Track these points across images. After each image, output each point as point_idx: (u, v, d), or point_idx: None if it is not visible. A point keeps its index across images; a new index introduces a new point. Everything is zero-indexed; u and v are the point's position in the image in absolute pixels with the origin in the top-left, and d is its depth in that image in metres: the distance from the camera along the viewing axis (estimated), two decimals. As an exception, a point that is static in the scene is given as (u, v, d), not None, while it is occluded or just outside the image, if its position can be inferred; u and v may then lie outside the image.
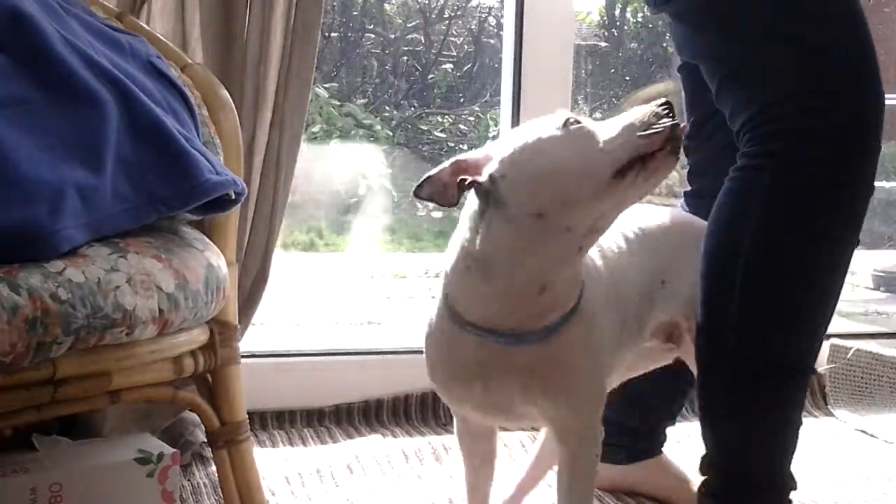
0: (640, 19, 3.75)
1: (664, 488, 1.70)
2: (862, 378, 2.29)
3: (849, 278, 1.34)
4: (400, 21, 4.54)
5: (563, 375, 1.19)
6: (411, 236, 4.49)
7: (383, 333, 3.40)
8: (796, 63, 1.29)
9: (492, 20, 4.48)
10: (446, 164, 1.14)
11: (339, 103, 4.34)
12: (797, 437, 1.36)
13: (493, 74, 4.63)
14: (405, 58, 4.53)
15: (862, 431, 2.13)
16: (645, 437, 1.70)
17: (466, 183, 1.12)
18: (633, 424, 1.69)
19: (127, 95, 1.26)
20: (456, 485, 1.72)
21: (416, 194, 1.13)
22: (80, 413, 1.40)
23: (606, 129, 1.11)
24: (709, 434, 1.39)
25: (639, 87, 3.62)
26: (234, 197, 1.30)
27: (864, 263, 3.75)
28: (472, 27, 4.61)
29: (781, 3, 1.31)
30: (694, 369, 1.41)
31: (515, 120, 2.19)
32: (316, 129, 4.26)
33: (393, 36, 4.53)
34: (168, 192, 1.23)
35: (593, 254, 1.25)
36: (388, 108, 4.53)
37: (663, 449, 1.73)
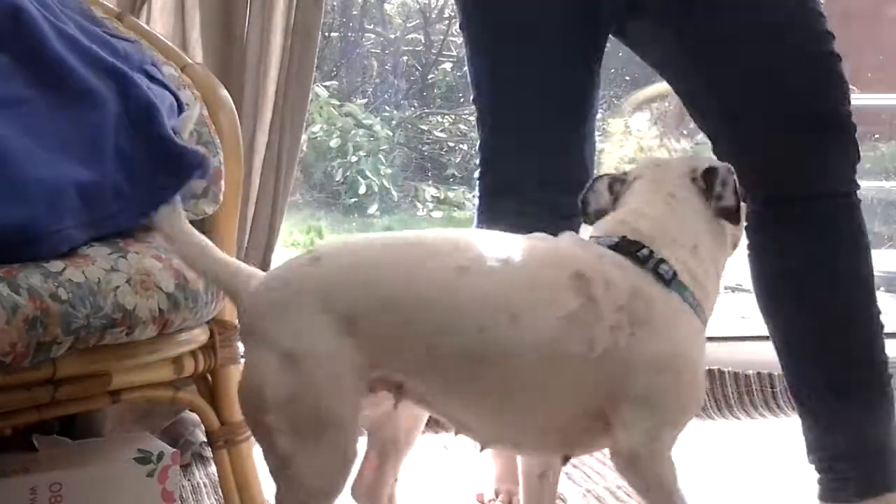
0: (640, 19, 3.75)
1: None
2: (862, 378, 2.29)
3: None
4: (400, 21, 4.54)
5: None
6: (411, 236, 4.49)
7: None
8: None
9: (492, 20, 4.46)
10: None
11: (339, 103, 4.34)
12: None
13: (493, 74, 4.64)
14: (405, 58, 4.53)
15: (862, 431, 2.13)
16: None
17: None
18: None
19: (123, 81, 1.26)
20: (454, 483, 1.72)
21: None
22: (80, 413, 1.40)
23: None
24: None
25: (639, 87, 3.62)
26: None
27: (864, 263, 3.72)
28: (472, 27, 4.58)
29: None
30: None
31: (515, 120, 2.18)
32: (316, 129, 4.25)
33: (393, 36, 4.53)
34: (164, 178, 1.22)
35: None
36: (388, 108, 4.52)
37: None
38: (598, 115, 1.66)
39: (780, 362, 1.53)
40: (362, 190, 4.34)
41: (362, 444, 1.17)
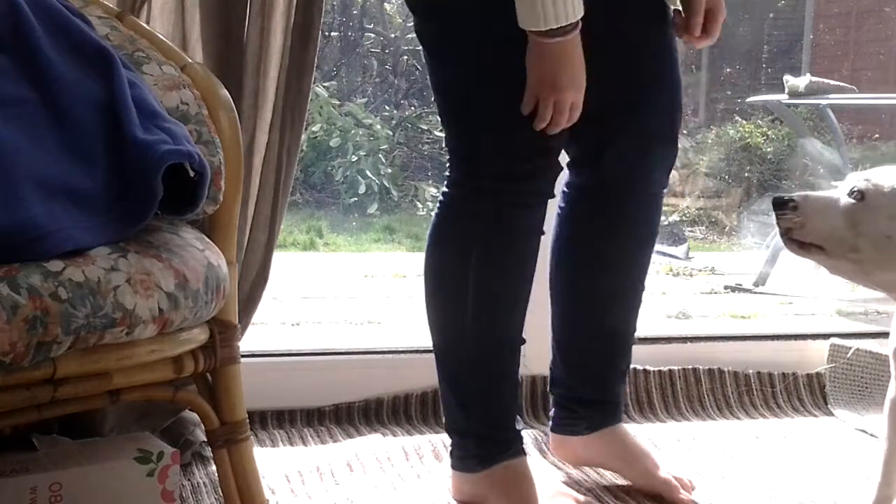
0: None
1: (617, 458, 1.75)
2: (862, 378, 2.29)
3: (849, 278, 1.38)
4: (400, 20, 4.54)
5: None
6: (411, 236, 4.50)
7: (383, 333, 3.40)
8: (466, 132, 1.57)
9: (492, 20, 4.46)
10: None
11: (339, 103, 4.34)
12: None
13: (493, 74, 4.64)
14: (405, 57, 4.53)
15: (862, 431, 2.13)
16: (604, 407, 1.77)
17: None
18: (590, 396, 1.77)
19: (112, 64, 1.27)
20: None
21: None
22: (80, 413, 1.40)
23: None
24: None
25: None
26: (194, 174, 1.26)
27: (864, 263, 3.71)
28: (472, 27, 4.58)
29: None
30: None
31: (515, 119, 2.18)
32: (316, 128, 4.25)
33: (393, 35, 4.53)
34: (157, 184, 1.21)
35: None
36: (388, 107, 4.52)
37: (623, 417, 1.80)
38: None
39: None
40: (362, 189, 4.35)
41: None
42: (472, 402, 1.64)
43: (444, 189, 1.62)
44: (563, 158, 1.63)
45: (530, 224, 1.59)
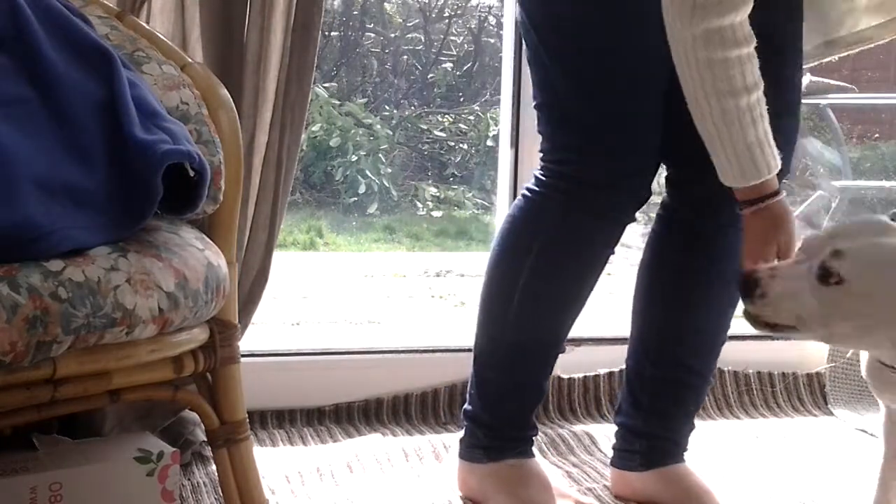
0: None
1: (680, 500, 1.65)
2: (862, 377, 2.29)
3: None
4: (400, 20, 4.55)
5: None
6: (411, 236, 4.50)
7: (383, 333, 3.40)
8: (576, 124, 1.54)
9: (491, 19, 4.48)
10: None
11: (339, 103, 4.34)
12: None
13: (493, 74, 4.65)
14: (405, 57, 4.53)
15: (862, 431, 2.13)
16: (661, 444, 1.68)
17: None
18: (649, 430, 1.68)
19: (112, 64, 1.27)
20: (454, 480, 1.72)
21: None
22: (80, 412, 1.40)
23: None
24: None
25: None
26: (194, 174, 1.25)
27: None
28: (472, 26, 4.61)
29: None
30: None
31: (515, 119, 2.18)
32: (316, 128, 4.25)
33: (393, 35, 4.53)
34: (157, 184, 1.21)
35: None
36: (388, 107, 4.52)
37: (685, 457, 1.70)
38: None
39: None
40: (362, 189, 4.35)
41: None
42: (493, 397, 1.63)
43: (529, 184, 1.59)
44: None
45: (596, 236, 1.55)
